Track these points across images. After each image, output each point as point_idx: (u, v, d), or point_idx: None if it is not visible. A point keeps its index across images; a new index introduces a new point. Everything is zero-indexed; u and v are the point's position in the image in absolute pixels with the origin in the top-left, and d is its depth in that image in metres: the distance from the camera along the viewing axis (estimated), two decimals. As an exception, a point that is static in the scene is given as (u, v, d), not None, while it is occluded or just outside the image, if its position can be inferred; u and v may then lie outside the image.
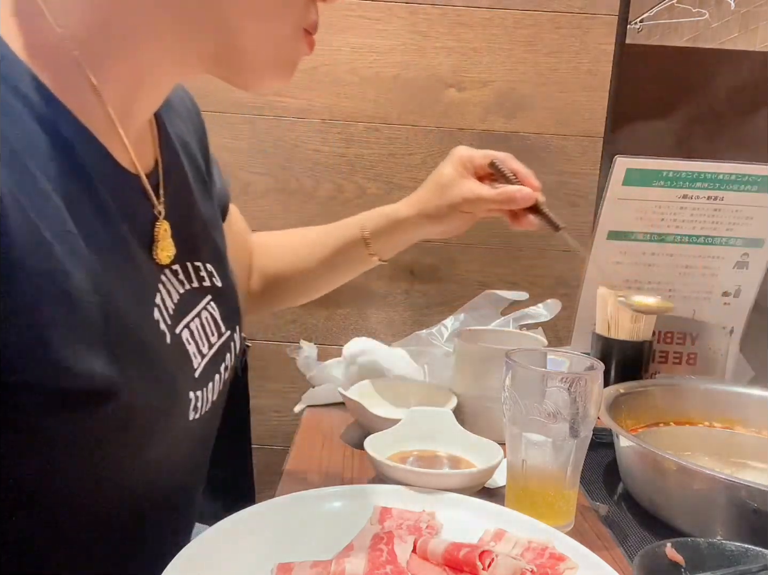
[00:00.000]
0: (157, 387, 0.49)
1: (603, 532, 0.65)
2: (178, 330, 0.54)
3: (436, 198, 0.79)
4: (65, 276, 0.42)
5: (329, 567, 0.49)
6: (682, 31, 2.54)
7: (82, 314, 0.43)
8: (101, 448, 0.46)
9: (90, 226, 0.45)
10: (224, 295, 0.63)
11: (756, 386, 0.85)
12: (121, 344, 0.46)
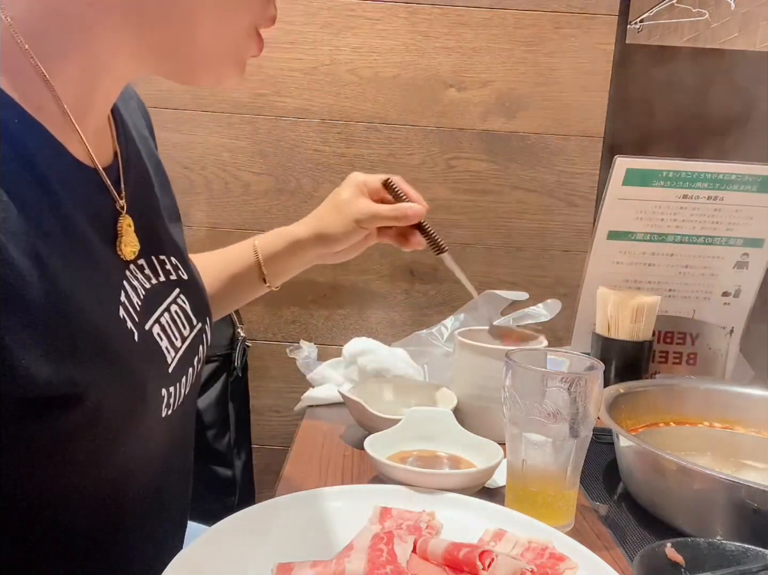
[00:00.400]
0: (124, 387, 0.47)
1: (603, 532, 0.65)
2: (148, 326, 0.53)
3: (333, 217, 0.81)
4: (20, 279, 0.40)
5: (329, 567, 0.49)
6: (682, 31, 2.54)
7: (39, 319, 0.41)
8: (68, 453, 0.45)
9: (46, 225, 0.44)
10: (191, 288, 0.63)
11: (756, 386, 0.85)
12: (83, 347, 0.44)
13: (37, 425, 0.42)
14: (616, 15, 1.18)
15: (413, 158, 1.24)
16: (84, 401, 0.44)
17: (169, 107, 1.23)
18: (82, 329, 0.44)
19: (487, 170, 1.23)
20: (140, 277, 0.54)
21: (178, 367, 0.55)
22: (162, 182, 0.65)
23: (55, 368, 0.42)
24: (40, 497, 0.46)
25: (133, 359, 0.49)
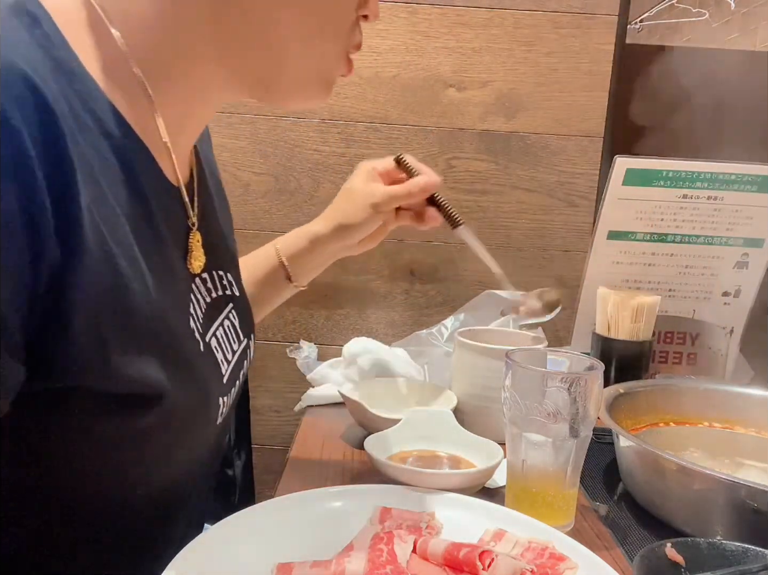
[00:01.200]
0: (193, 393, 0.51)
1: (603, 532, 0.65)
2: (208, 338, 0.56)
3: (349, 206, 0.80)
4: (126, 289, 0.44)
5: (329, 567, 0.49)
6: (682, 31, 2.54)
7: (138, 325, 0.45)
8: (139, 450, 0.48)
9: (145, 241, 0.47)
10: (240, 304, 0.66)
11: (756, 386, 0.85)
12: (167, 352, 0.48)
13: (118, 422, 0.45)
14: (616, 15, 1.18)
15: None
16: (161, 402, 0.47)
17: (169, 107, 1.22)
18: (166, 335, 0.48)
19: (487, 170, 1.23)
20: (203, 290, 0.58)
21: (229, 379, 0.59)
22: (221, 198, 0.68)
23: (143, 368, 0.45)
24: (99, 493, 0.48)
25: (200, 367, 0.53)
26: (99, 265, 0.41)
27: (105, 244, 0.42)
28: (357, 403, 0.82)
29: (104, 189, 0.43)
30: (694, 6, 2.39)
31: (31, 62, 0.38)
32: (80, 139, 0.41)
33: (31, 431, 0.43)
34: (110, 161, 0.45)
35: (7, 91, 0.35)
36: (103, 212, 0.42)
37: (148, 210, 0.48)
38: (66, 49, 0.43)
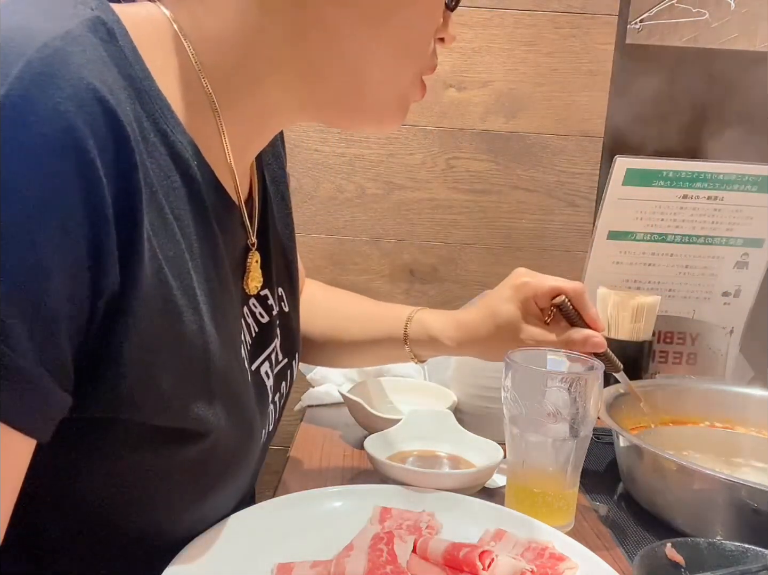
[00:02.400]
0: (239, 427, 0.49)
1: (603, 532, 0.65)
2: (256, 366, 0.55)
3: (491, 338, 0.69)
4: (179, 318, 0.42)
5: (329, 567, 0.49)
6: (682, 31, 2.54)
7: (189, 356, 0.43)
8: (180, 483, 0.47)
9: (204, 266, 0.46)
10: (288, 320, 0.64)
11: (756, 386, 0.85)
12: (216, 386, 0.46)
13: (159, 455, 0.44)
14: (616, 15, 1.18)
15: (413, 158, 1.24)
16: (209, 436, 0.45)
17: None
18: (217, 368, 0.46)
19: (487, 170, 1.23)
20: (259, 311, 0.56)
21: (273, 406, 0.58)
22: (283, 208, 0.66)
23: (195, 403, 0.44)
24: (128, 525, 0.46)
25: (247, 399, 0.51)
26: (154, 292, 0.40)
27: (161, 272, 0.41)
28: (357, 403, 0.82)
29: (166, 213, 0.42)
30: (694, 6, 2.39)
31: (105, 81, 0.37)
32: (148, 161, 0.40)
33: (69, 456, 0.42)
34: (176, 183, 0.44)
35: (82, 112, 0.35)
36: (162, 239, 0.41)
37: (210, 232, 0.47)
38: (140, 66, 0.42)
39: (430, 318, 0.75)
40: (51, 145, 0.33)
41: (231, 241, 0.52)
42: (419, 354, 0.76)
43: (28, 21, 0.36)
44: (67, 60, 0.35)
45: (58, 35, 0.35)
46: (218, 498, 0.51)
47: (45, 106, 0.33)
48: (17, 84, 0.33)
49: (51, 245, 0.34)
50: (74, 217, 0.35)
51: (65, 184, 0.34)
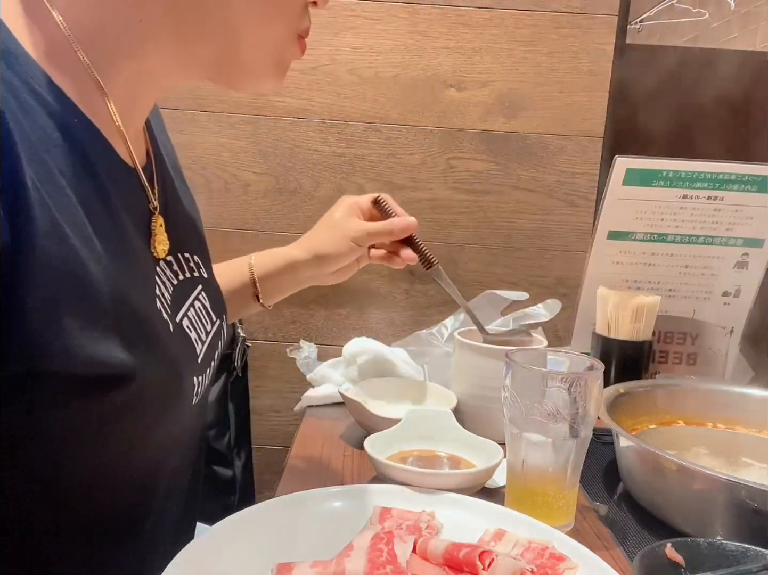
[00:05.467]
0: (166, 371, 0.50)
1: (603, 532, 0.65)
2: (178, 319, 0.56)
3: (328, 237, 0.82)
4: (82, 267, 0.43)
5: (329, 567, 0.49)
6: (682, 31, 2.54)
7: (97, 304, 0.44)
8: (112, 432, 0.47)
9: (99, 220, 0.46)
10: (210, 285, 0.66)
11: (756, 386, 0.85)
12: (132, 331, 0.47)
13: (85, 405, 0.45)
14: (616, 15, 1.18)
15: (413, 158, 1.24)
16: (131, 383, 0.46)
17: (168, 107, 1.23)
18: (131, 314, 0.47)
19: (487, 170, 1.23)
20: (168, 273, 0.57)
21: (204, 359, 0.59)
22: (180, 181, 0.68)
23: (109, 349, 0.45)
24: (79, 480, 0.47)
25: (171, 346, 0.52)
26: (51, 245, 0.41)
27: (56, 224, 0.41)
28: (357, 403, 0.82)
29: (51, 168, 0.42)
30: (694, 6, 2.39)
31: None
32: (22, 118, 0.41)
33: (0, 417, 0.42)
34: (57, 141, 0.44)
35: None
36: (51, 191, 0.42)
37: (102, 190, 0.48)
38: (5, 31, 0.43)
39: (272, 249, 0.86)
40: None
41: (131, 203, 0.52)
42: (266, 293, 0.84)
43: None
44: None
45: None
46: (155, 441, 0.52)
47: None
48: None
49: None
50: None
51: None
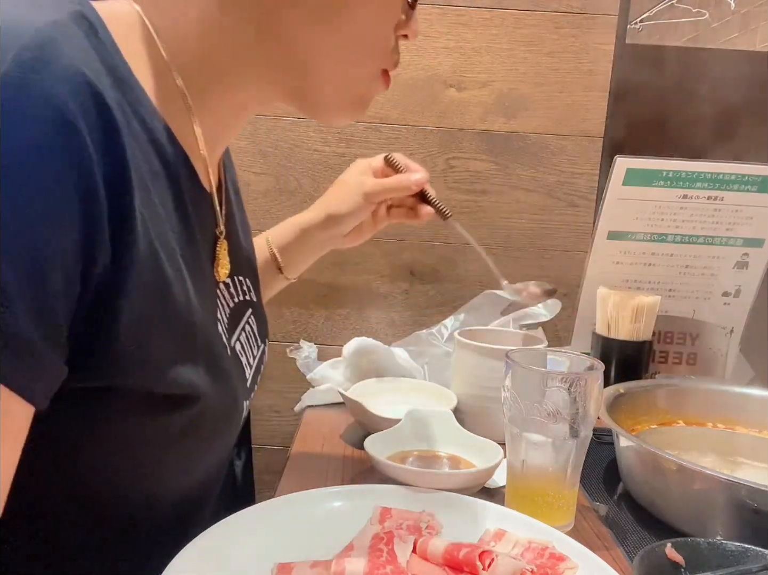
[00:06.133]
0: (225, 395, 0.52)
1: (603, 532, 0.65)
2: (233, 343, 0.57)
3: (340, 196, 0.81)
4: (169, 290, 0.45)
5: (329, 567, 0.49)
6: (682, 31, 2.54)
7: (178, 326, 0.46)
8: (171, 449, 0.49)
9: (184, 244, 0.48)
10: (258, 309, 0.67)
11: (756, 386, 0.85)
12: (201, 354, 0.49)
13: (152, 422, 0.46)
14: (616, 15, 1.18)
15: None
16: (196, 404, 0.48)
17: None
18: (202, 338, 0.49)
19: (487, 170, 1.23)
20: (226, 295, 0.59)
21: (251, 383, 0.61)
22: (239, 203, 0.69)
23: (183, 370, 0.46)
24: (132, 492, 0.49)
25: (229, 370, 0.54)
26: (146, 266, 0.42)
27: (152, 246, 0.43)
28: (357, 403, 0.82)
29: (152, 193, 0.44)
30: (694, 6, 2.39)
31: (91, 67, 0.39)
32: (133, 143, 0.42)
33: (67, 427, 0.44)
34: (156, 167, 0.46)
35: (72, 93, 0.37)
36: (151, 215, 0.43)
37: (187, 216, 0.50)
38: (119, 57, 0.44)
39: (287, 219, 0.86)
40: (44, 122, 0.35)
41: (203, 227, 0.54)
42: (288, 264, 0.85)
43: (19, 10, 0.38)
44: (58, 46, 0.37)
45: (48, 24, 0.38)
46: (204, 465, 0.54)
47: (39, 87, 0.35)
48: (14, 67, 0.35)
49: (44, 215, 0.35)
50: (66, 189, 0.36)
51: (57, 158, 0.36)
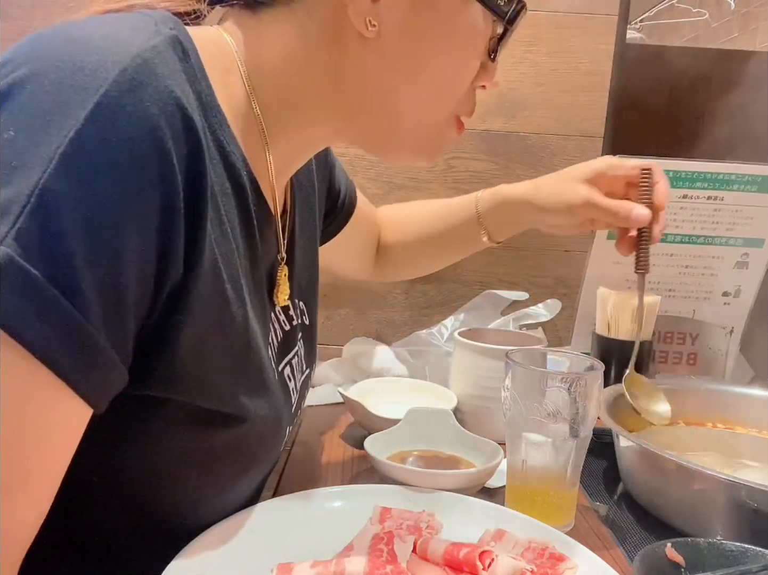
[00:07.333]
0: (268, 419, 0.53)
1: (603, 532, 0.65)
2: (281, 368, 0.58)
3: (549, 191, 0.77)
4: (228, 309, 0.46)
5: (329, 567, 0.49)
6: (682, 31, 2.54)
7: (233, 345, 0.47)
8: (210, 469, 0.49)
9: (247, 266, 0.50)
10: (309, 333, 0.69)
11: (756, 386, 0.85)
12: (254, 376, 0.50)
13: (197, 437, 0.47)
14: (616, 15, 1.18)
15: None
16: (242, 424, 0.49)
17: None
18: (256, 361, 0.51)
19: (487, 170, 1.23)
20: (282, 319, 0.60)
21: (296, 408, 0.61)
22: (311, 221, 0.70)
23: (235, 389, 0.48)
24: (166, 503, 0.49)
25: (277, 393, 0.54)
26: (209, 283, 0.44)
27: (216, 265, 0.44)
28: (357, 403, 0.82)
29: (222, 214, 0.46)
30: (694, 6, 2.39)
31: (183, 91, 0.42)
32: (210, 166, 0.44)
33: (114, 431, 0.44)
34: (228, 190, 0.48)
35: (165, 115, 0.39)
36: (218, 234, 0.45)
37: (253, 240, 0.51)
38: (206, 83, 0.46)
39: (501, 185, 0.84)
40: (137, 143, 0.38)
41: (266, 251, 0.55)
42: (490, 229, 0.83)
43: (119, 33, 0.41)
44: (155, 70, 0.40)
45: (147, 48, 0.40)
46: (243, 484, 0.54)
47: (135, 108, 0.38)
48: (114, 87, 0.37)
49: (129, 230, 0.37)
50: (151, 207, 0.38)
51: (147, 177, 0.38)
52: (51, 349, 0.35)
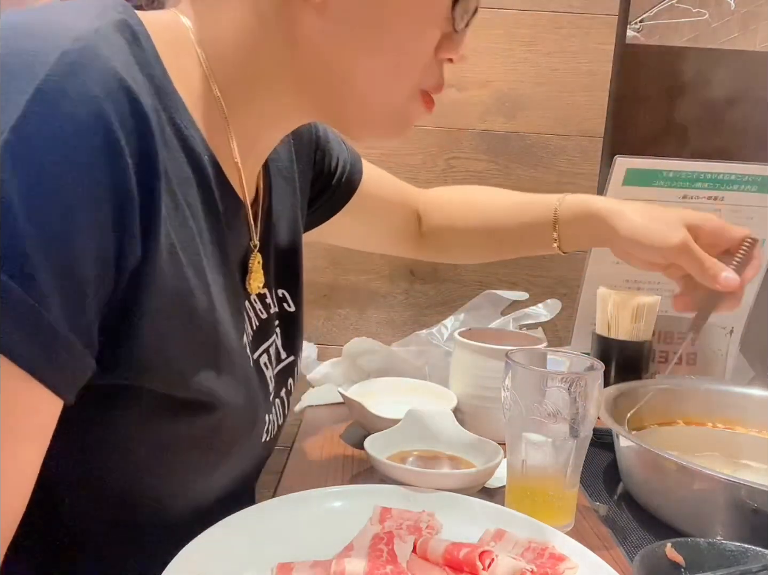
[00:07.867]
0: (243, 407, 0.52)
1: (603, 532, 0.64)
2: (257, 356, 0.57)
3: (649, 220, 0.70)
4: (191, 295, 0.46)
5: (329, 567, 0.49)
6: (682, 31, 2.54)
7: (198, 332, 0.47)
8: (188, 455, 0.49)
9: (211, 253, 0.49)
10: (292, 320, 0.67)
11: (756, 386, 0.85)
12: (224, 363, 0.49)
13: (170, 426, 0.47)
14: (616, 15, 1.18)
15: (413, 158, 1.24)
16: (214, 412, 0.48)
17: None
18: (224, 347, 0.50)
19: (487, 170, 1.23)
20: (258, 307, 0.59)
21: (273, 397, 0.61)
22: (292, 210, 0.68)
23: (201, 376, 0.47)
24: (142, 496, 0.50)
25: (251, 382, 0.54)
26: (168, 270, 0.43)
27: (174, 252, 0.44)
28: (357, 403, 0.82)
29: (179, 199, 0.45)
30: (694, 6, 2.39)
31: (129, 73, 0.41)
32: (164, 150, 0.44)
33: (85, 423, 0.44)
34: (188, 175, 0.47)
35: (110, 98, 0.38)
36: (175, 221, 0.44)
37: (219, 225, 0.50)
38: (160, 66, 0.46)
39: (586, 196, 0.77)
40: (82, 125, 0.37)
41: (236, 238, 0.54)
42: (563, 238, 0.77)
43: (63, 18, 0.40)
44: (98, 53, 0.39)
45: (90, 30, 0.40)
46: (223, 474, 0.54)
47: (78, 91, 0.37)
48: (55, 70, 0.37)
49: (81, 214, 0.37)
50: (102, 190, 0.38)
51: (94, 160, 0.37)
52: (10, 341, 0.35)
